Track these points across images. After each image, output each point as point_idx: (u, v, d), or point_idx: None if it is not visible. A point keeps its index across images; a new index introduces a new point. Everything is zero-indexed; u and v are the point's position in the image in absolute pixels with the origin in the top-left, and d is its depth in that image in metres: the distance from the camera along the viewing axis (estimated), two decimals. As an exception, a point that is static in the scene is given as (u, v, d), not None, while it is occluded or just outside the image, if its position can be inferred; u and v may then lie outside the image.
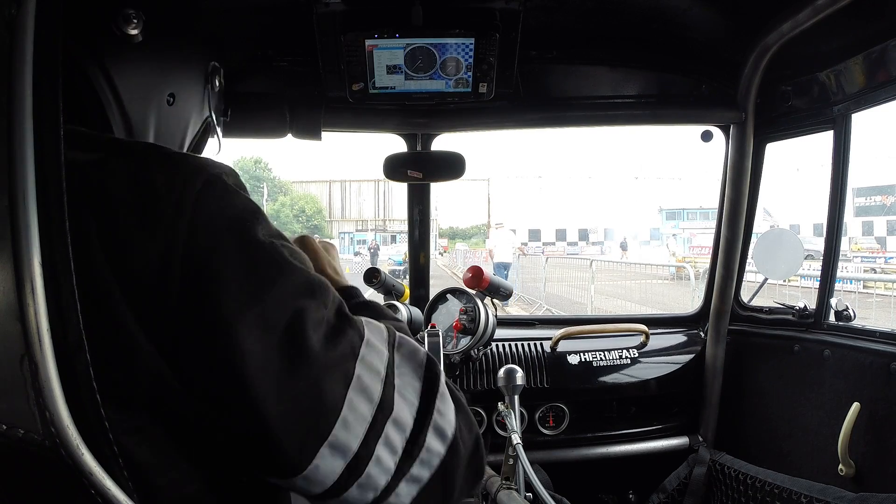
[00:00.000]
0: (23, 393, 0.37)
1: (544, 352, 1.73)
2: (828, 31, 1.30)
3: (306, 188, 43.75)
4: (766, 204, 24.86)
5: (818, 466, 1.44)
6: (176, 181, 0.47)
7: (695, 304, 2.00)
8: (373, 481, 0.51)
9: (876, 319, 6.63)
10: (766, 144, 1.69)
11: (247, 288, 0.47)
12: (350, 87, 1.43)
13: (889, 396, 1.29)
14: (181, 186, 0.47)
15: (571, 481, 1.67)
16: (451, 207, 42.97)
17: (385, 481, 0.51)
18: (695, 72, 1.67)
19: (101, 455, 0.39)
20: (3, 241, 0.37)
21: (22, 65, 0.37)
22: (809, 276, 4.23)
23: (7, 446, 0.39)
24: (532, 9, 1.33)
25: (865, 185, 27.54)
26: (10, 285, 0.37)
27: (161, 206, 0.46)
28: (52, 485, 0.41)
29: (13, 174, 0.37)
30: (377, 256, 22.34)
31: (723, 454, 1.72)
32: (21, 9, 0.37)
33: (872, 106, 1.41)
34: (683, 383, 1.79)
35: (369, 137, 3.30)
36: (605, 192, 37.61)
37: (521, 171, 42.81)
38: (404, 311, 1.66)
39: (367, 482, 0.50)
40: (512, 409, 1.22)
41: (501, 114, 1.67)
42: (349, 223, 43.30)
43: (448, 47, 1.36)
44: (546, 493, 1.00)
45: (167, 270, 0.45)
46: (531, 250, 27.14)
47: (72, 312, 0.38)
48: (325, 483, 0.49)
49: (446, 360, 1.57)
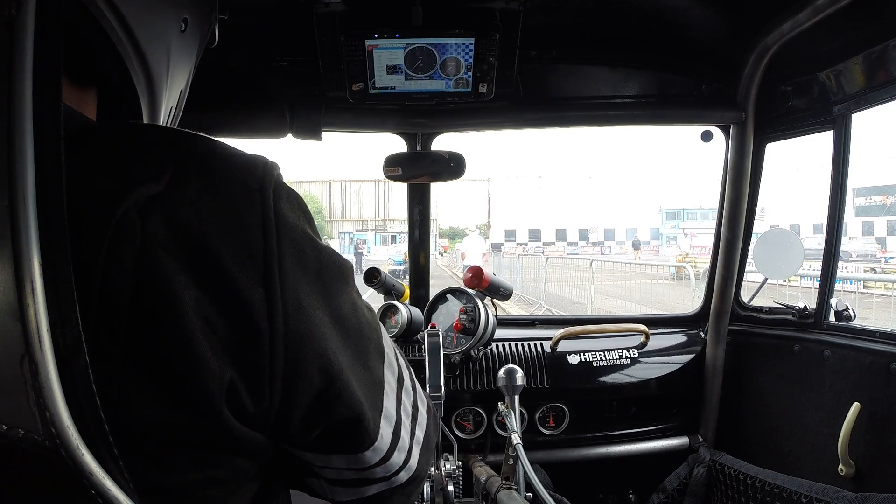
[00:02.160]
0: (23, 393, 0.37)
1: (544, 352, 1.73)
2: (828, 31, 1.30)
3: (306, 188, 43.73)
4: (762, 204, 24.86)
5: (818, 466, 1.44)
6: (254, 192, 0.48)
7: (695, 304, 2.00)
8: (404, 443, 0.58)
9: (876, 319, 6.63)
10: (766, 144, 1.68)
11: (320, 291, 0.50)
12: (350, 87, 1.43)
13: (889, 396, 1.29)
14: (260, 198, 0.47)
15: (571, 481, 1.67)
16: (451, 207, 43.00)
17: (408, 442, 0.58)
18: (695, 72, 1.67)
19: (100, 456, 0.39)
20: (3, 241, 0.37)
21: (22, 65, 0.37)
22: (809, 276, 4.23)
23: (7, 447, 0.39)
24: (532, 9, 1.33)
25: (865, 185, 27.55)
26: (10, 285, 0.37)
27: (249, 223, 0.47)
28: (52, 485, 0.41)
29: (13, 174, 0.37)
30: (361, 259, 21.39)
31: (723, 454, 1.73)
32: (21, 9, 0.37)
33: (872, 106, 1.41)
34: (683, 383, 1.79)
35: (369, 137, 3.30)
36: (605, 192, 37.65)
37: (521, 171, 42.89)
38: (404, 312, 1.66)
39: (401, 445, 0.58)
40: (512, 409, 1.22)
41: (501, 114, 1.67)
42: (349, 223, 43.31)
43: (448, 47, 1.36)
44: (546, 493, 1.00)
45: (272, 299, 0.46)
46: (531, 250, 27.17)
47: (70, 312, 0.38)
48: (383, 449, 0.56)
49: (446, 360, 1.57)
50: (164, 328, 0.43)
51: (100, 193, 0.44)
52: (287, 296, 0.47)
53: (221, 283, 0.45)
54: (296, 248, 0.49)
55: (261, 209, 0.47)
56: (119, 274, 0.42)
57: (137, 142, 0.49)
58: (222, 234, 0.45)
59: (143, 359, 0.43)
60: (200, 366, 0.43)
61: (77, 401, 0.39)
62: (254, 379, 0.46)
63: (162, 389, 0.43)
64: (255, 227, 0.47)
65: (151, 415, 0.43)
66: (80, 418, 0.39)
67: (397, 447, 0.57)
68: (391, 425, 0.56)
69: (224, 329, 0.44)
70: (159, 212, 0.44)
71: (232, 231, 0.46)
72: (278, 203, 0.48)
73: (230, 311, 0.45)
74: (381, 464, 0.56)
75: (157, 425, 0.44)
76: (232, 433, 0.46)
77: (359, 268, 8.98)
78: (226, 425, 0.45)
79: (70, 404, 0.38)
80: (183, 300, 0.43)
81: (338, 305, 0.52)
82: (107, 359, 0.42)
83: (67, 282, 0.39)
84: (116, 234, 0.42)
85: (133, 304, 0.42)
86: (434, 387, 1.30)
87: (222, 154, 0.49)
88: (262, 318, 0.45)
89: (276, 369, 0.46)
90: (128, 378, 0.43)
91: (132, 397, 0.43)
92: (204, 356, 0.43)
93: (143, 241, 0.42)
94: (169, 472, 0.46)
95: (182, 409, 0.44)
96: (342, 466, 0.56)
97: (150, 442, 0.45)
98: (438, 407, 1.28)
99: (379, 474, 0.58)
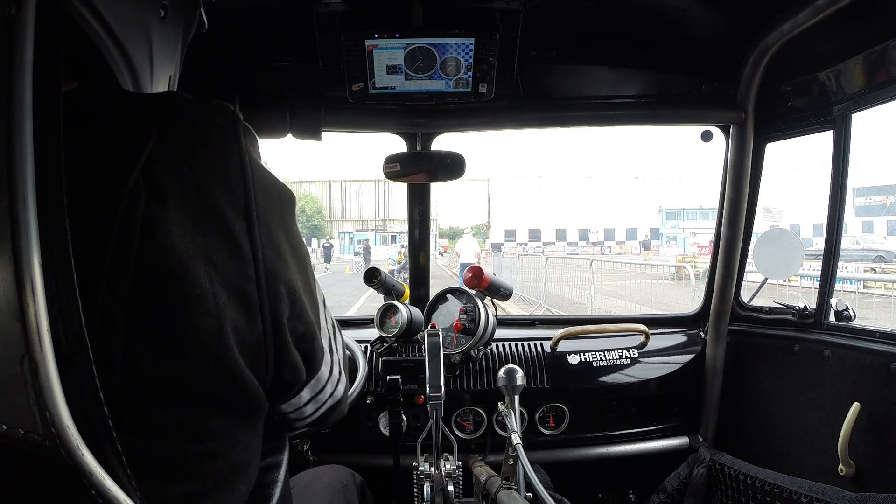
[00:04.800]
0: (23, 393, 0.37)
1: (544, 352, 1.73)
2: (828, 31, 1.30)
3: (306, 188, 43.69)
4: (767, 203, 24.91)
5: (818, 466, 1.44)
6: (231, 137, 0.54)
7: (695, 304, 2.00)
8: (337, 357, 0.68)
9: (876, 319, 6.62)
10: (766, 144, 1.68)
11: (282, 222, 0.57)
12: (350, 87, 1.43)
13: (889, 396, 1.28)
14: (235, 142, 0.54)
15: (571, 481, 1.67)
16: (451, 207, 42.97)
17: (338, 356, 0.69)
18: (695, 72, 1.66)
19: (101, 455, 0.39)
20: (3, 241, 0.37)
21: (22, 65, 0.37)
22: (809, 276, 4.23)
23: (7, 446, 0.39)
24: (532, 9, 1.33)
25: (865, 185, 27.53)
26: (10, 285, 0.37)
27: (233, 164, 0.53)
28: (52, 485, 0.41)
29: (13, 174, 0.37)
30: (369, 255, 22.27)
31: (723, 454, 1.72)
32: (21, 9, 0.37)
33: (872, 106, 1.40)
34: (683, 383, 1.79)
35: (369, 137, 3.31)
36: (605, 192, 37.61)
37: (521, 171, 42.81)
38: (404, 312, 1.66)
39: (336, 358, 0.68)
40: (512, 409, 1.22)
41: (501, 114, 1.67)
42: (349, 223, 43.27)
43: (448, 47, 1.36)
44: (546, 493, 1.00)
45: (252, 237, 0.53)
46: (531, 250, 27.15)
47: (72, 312, 0.38)
48: (329, 363, 0.65)
49: (446, 360, 1.57)
50: (169, 273, 0.46)
51: (102, 160, 0.46)
52: (262, 228, 0.53)
53: (217, 220, 0.50)
54: (264, 185, 0.55)
55: (237, 151, 0.53)
56: (129, 234, 0.45)
57: (120, 107, 0.52)
58: (212, 176, 0.51)
59: (149, 312, 0.46)
60: (203, 304, 0.47)
61: (80, 396, 0.39)
62: (248, 307, 0.51)
63: (167, 337, 0.47)
64: (236, 169, 0.52)
65: (156, 370, 0.46)
66: (83, 413, 0.39)
67: (333, 360, 0.66)
68: (327, 341, 0.65)
69: (224, 263, 0.50)
70: (160, 163, 0.48)
71: (219, 172, 0.52)
72: (247, 144, 0.54)
73: (226, 245, 0.50)
74: (329, 380, 0.65)
75: (162, 382, 0.47)
76: (234, 376, 0.50)
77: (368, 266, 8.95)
78: (228, 365, 0.49)
79: (72, 401, 0.38)
80: (185, 242, 0.47)
81: (294, 235, 0.59)
82: (111, 328, 0.44)
83: (69, 278, 0.39)
84: (130, 196, 0.45)
85: (139, 257, 0.45)
86: (434, 387, 1.30)
87: (196, 102, 0.55)
88: (247, 249, 0.51)
89: (262, 294, 0.52)
90: (132, 336, 0.45)
91: (138, 356, 0.45)
92: (206, 293, 0.48)
93: (148, 195, 0.46)
94: (170, 445, 0.48)
95: (186, 356, 0.47)
96: (307, 400, 0.64)
97: (154, 409, 0.47)
98: (438, 407, 1.28)
99: (328, 391, 0.65)
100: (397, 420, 1.46)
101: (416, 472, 1.29)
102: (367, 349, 1.67)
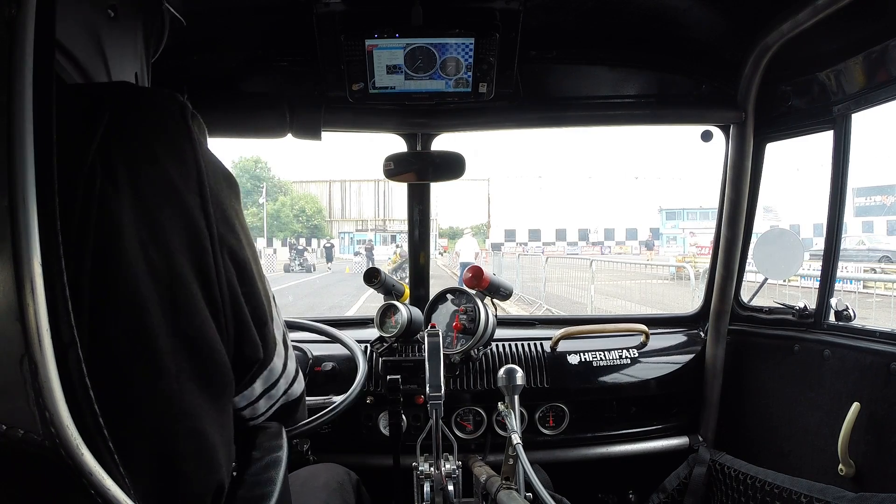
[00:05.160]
0: (23, 393, 0.37)
1: (544, 352, 1.73)
2: (828, 31, 1.30)
3: (306, 188, 43.69)
4: (767, 202, 24.93)
5: (818, 466, 1.44)
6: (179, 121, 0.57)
7: (695, 304, 2.00)
8: (288, 347, 0.70)
9: (876, 319, 6.62)
10: (766, 144, 1.68)
11: (231, 200, 0.60)
12: (350, 87, 1.43)
13: (889, 396, 1.28)
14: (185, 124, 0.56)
15: (571, 481, 1.67)
16: (451, 207, 42.97)
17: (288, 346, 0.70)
18: (695, 72, 1.66)
19: (97, 453, 0.39)
20: (3, 241, 0.37)
21: (22, 65, 0.37)
22: (809, 276, 4.23)
23: (7, 446, 0.39)
24: (532, 9, 1.33)
25: (865, 185, 27.52)
26: (10, 285, 0.37)
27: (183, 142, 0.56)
28: (51, 485, 0.41)
29: (13, 174, 0.37)
30: (372, 255, 22.56)
31: (723, 454, 1.72)
32: (21, 9, 0.37)
33: (872, 106, 1.40)
34: (683, 383, 1.79)
35: (369, 137, 3.31)
36: (605, 192, 37.62)
37: (521, 171, 42.83)
38: (404, 312, 1.66)
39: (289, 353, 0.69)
40: (512, 409, 1.22)
41: (501, 114, 1.67)
42: (349, 223, 43.25)
43: (448, 47, 1.36)
44: (546, 493, 1.00)
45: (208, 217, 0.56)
46: (531, 250, 27.15)
47: (63, 310, 0.38)
48: (282, 354, 0.67)
49: (446, 360, 1.57)
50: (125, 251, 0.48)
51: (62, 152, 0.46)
52: (215, 204, 0.56)
53: (172, 195, 0.53)
54: (213, 167, 0.58)
55: (187, 132, 0.56)
56: (87, 217, 0.47)
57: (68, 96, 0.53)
58: (165, 155, 0.54)
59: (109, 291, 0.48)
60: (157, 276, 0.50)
61: (73, 393, 0.39)
62: (206, 278, 0.54)
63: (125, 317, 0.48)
64: (189, 148, 0.55)
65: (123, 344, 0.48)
66: (78, 411, 0.39)
67: (288, 356, 0.68)
68: (280, 335, 0.67)
69: (180, 236, 0.52)
70: (113, 144, 0.50)
71: (172, 151, 0.54)
72: (196, 124, 0.57)
73: (181, 219, 0.53)
74: (283, 375, 0.67)
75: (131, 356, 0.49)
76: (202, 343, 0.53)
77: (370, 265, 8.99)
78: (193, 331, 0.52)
79: (69, 400, 0.38)
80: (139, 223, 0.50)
81: (243, 220, 0.61)
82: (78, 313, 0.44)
83: (60, 277, 0.39)
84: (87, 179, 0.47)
85: (97, 240, 0.47)
86: (434, 387, 1.30)
87: (145, 89, 0.58)
88: (202, 222, 0.54)
89: (219, 266, 0.55)
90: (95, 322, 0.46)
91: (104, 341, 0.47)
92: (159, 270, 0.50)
93: (103, 177, 0.48)
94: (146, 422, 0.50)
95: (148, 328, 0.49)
96: (259, 393, 0.65)
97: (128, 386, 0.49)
98: (438, 407, 1.28)
99: (282, 387, 0.68)
100: (397, 420, 1.46)
101: (416, 472, 1.29)
102: (367, 349, 1.67)
